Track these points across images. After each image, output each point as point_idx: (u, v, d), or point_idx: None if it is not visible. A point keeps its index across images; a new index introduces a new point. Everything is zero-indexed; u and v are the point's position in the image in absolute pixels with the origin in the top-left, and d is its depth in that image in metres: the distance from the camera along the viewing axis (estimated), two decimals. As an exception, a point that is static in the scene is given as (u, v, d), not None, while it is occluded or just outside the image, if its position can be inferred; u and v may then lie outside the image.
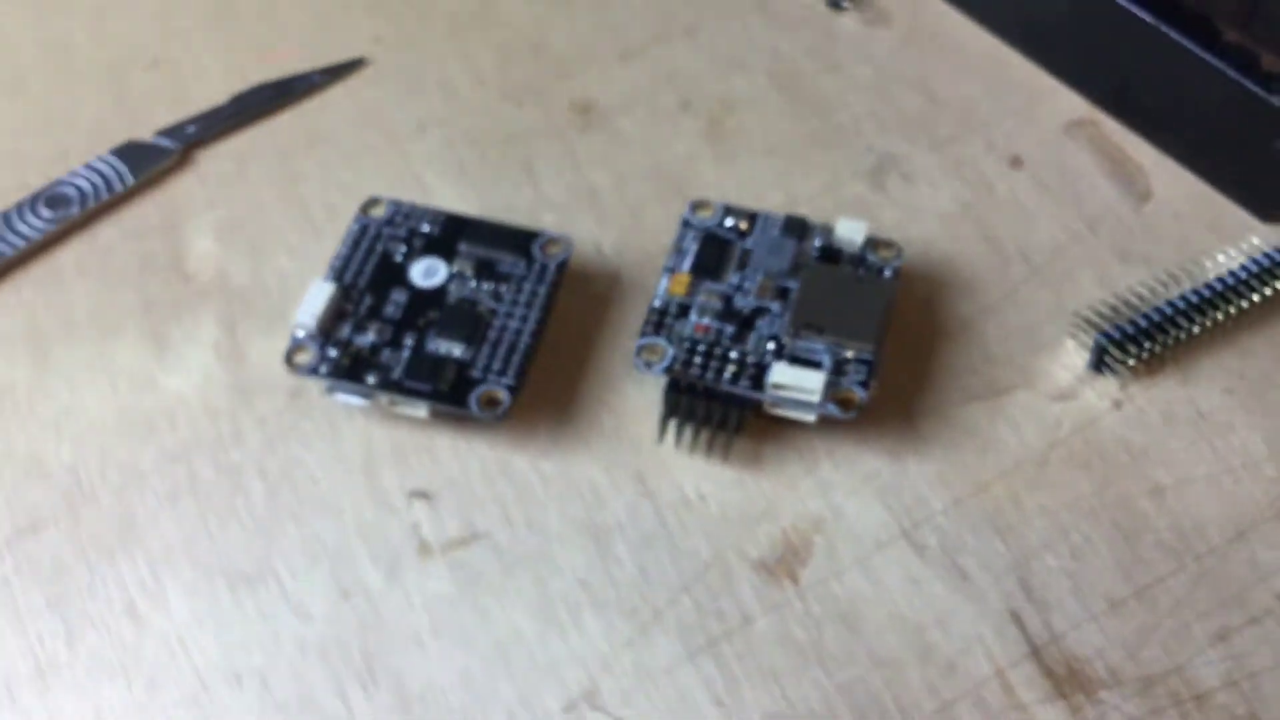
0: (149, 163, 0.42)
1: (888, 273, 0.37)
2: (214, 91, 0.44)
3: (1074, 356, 0.38)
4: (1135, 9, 0.41)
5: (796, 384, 0.34)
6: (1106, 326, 0.37)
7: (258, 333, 0.38)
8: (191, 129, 0.43)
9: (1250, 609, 0.33)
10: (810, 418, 0.35)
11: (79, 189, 0.42)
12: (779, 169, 0.43)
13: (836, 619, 0.33)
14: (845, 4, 0.48)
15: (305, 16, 0.47)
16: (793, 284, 0.37)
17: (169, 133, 0.43)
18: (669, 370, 0.35)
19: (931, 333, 0.38)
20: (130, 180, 0.42)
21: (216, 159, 0.43)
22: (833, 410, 0.34)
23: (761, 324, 0.36)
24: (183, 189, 0.42)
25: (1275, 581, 0.33)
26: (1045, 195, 0.42)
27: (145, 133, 0.43)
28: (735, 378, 0.35)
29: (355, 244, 0.38)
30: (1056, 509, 0.35)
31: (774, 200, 0.41)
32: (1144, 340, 0.37)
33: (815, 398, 0.34)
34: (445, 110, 0.44)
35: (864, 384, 0.35)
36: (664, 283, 0.37)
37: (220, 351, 0.38)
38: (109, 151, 0.43)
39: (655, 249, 0.40)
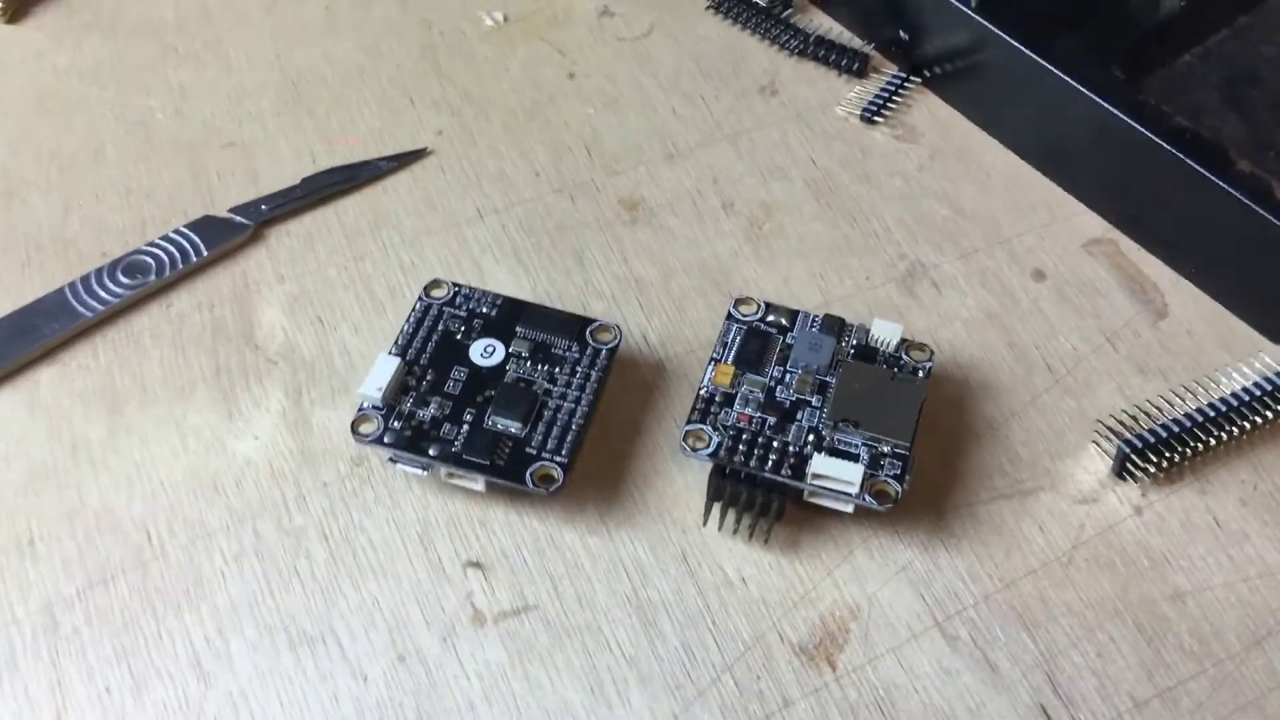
0: (223, 237, 0.43)
1: (921, 373, 0.38)
2: (285, 173, 0.45)
3: (1097, 462, 0.38)
4: (1153, 137, 0.42)
5: (836, 475, 0.35)
6: (1129, 435, 0.38)
7: (322, 402, 0.39)
8: (264, 207, 0.44)
9: (1268, 714, 0.33)
10: (848, 508, 0.35)
11: (155, 258, 0.42)
12: (814, 270, 0.43)
13: (873, 706, 0.33)
14: (877, 119, 0.49)
15: (373, 108, 0.48)
16: (831, 379, 0.37)
17: (242, 209, 0.44)
18: (714, 456, 0.35)
19: (961, 433, 0.38)
20: (204, 252, 0.42)
21: (286, 236, 0.44)
22: (869, 502, 0.34)
23: (801, 416, 0.36)
24: (254, 263, 0.43)
25: (1289, 686, 0.33)
26: (1066, 307, 0.42)
27: (220, 209, 0.44)
28: (777, 466, 0.35)
29: (418, 322, 0.39)
30: (1081, 609, 0.35)
31: (809, 299, 0.42)
32: (1165, 449, 0.37)
33: (854, 489, 0.34)
34: (502, 200, 0.45)
35: (899, 477, 0.35)
36: (709, 372, 0.37)
37: (286, 419, 0.38)
38: (185, 225, 0.43)
39: (697, 341, 0.41)
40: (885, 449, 0.35)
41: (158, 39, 0.50)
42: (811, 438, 0.36)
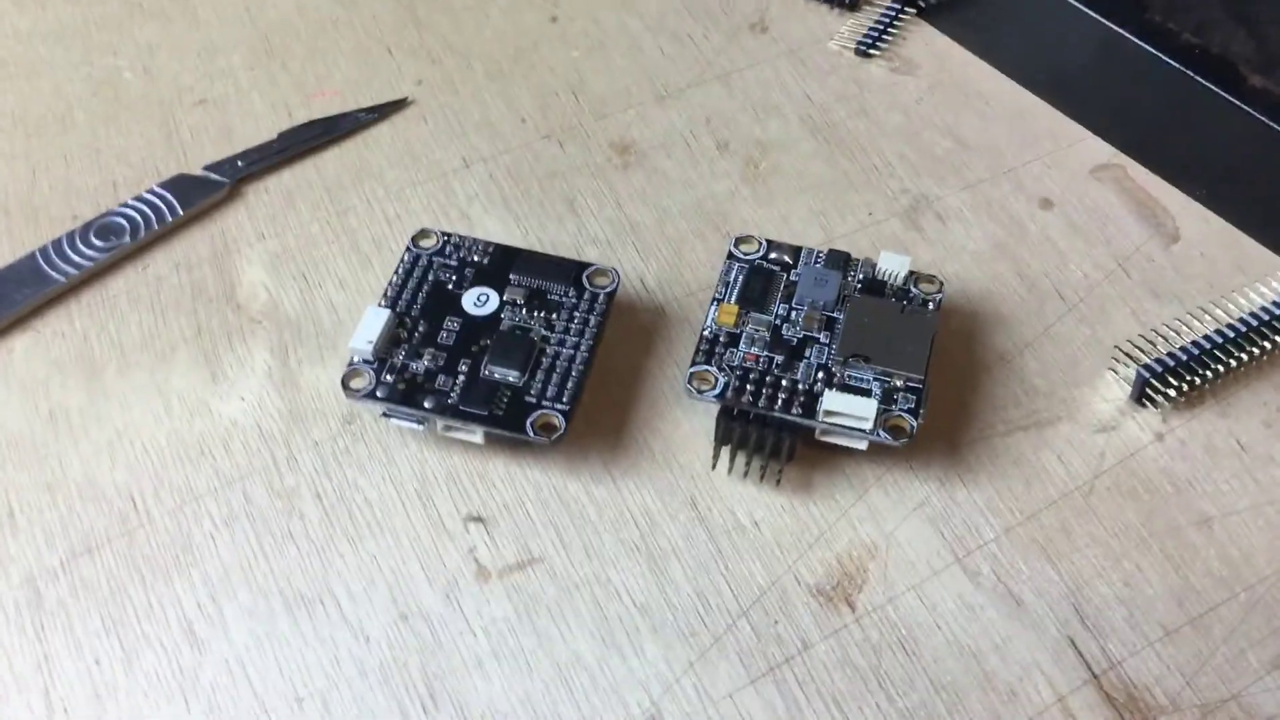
0: (198, 195, 0.41)
1: (931, 305, 0.37)
2: (261, 129, 0.44)
3: (1114, 389, 0.37)
4: (1160, 55, 0.41)
5: (850, 411, 0.33)
6: (1147, 360, 0.36)
7: (310, 360, 0.37)
8: (240, 164, 0.42)
9: (1305, 635, 0.32)
10: (862, 445, 0.34)
11: (129, 220, 0.41)
12: (815, 208, 0.42)
13: (895, 645, 0.32)
14: (872, 52, 0.47)
15: (350, 59, 0.46)
16: (838, 315, 0.36)
17: (217, 167, 0.42)
18: (721, 397, 0.34)
19: (972, 366, 0.37)
20: (180, 212, 0.41)
21: (265, 193, 0.42)
22: (884, 437, 0.33)
23: (810, 354, 0.35)
24: (232, 221, 0.41)
25: (1325, 609, 0.32)
26: (1076, 235, 0.41)
27: (194, 168, 0.42)
28: (787, 405, 0.34)
29: (407, 273, 0.37)
30: (1106, 538, 0.34)
31: (812, 238, 0.41)
32: (1184, 374, 0.36)
33: (868, 425, 0.33)
34: (488, 148, 0.44)
35: (914, 411, 0.34)
36: (712, 313, 0.36)
37: (273, 378, 0.37)
38: (158, 184, 0.42)
39: (697, 283, 0.39)
40: (898, 383, 0.34)
41: (123, -3, 0.49)
42: (821, 375, 0.35)
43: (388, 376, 0.34)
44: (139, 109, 0.44)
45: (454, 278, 0.37)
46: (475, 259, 0.38)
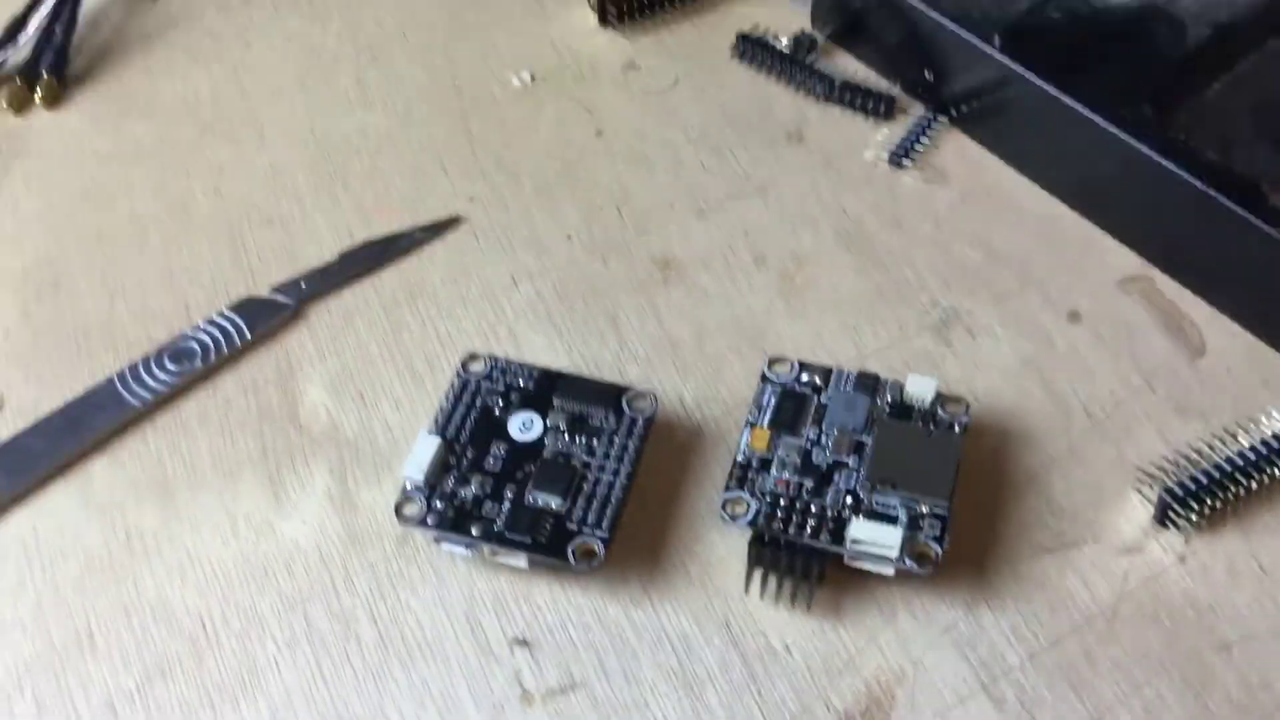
0: (265, 317, 0.43)
1: (957, 428, 0.38)
2: (323, 249, 0.46)
3: (1139, 511, 0.38)
4: (1184, 174, 0.42)
5: (875, 540, 0.35)
6: (1169, 481, 0.37)
7: (366, 481, 0.39)
8: (303, 285, 0.44)
9: (1321, 768, 0.32)
10: (889, 571, 0.35)
11: (201, 344, 0.43)
12: (848, 322, 0.43)
13: (920, 772, 0.33)
14: (905, 162, 0.49)
15: (406, 179, 0.49)
16: (867, 439, 0.37)
17: (283, 289, 0.44)
18: (753, 524, 0.36)
19: (999, 485, 0.38)
20: (248, 335, 0.43)
21: (327, 313, 0.44)
22: (910, 565, 0.34)
23: (839, 478, 0.37)
24: (296, 342, 0.43)
25: (1344, 739, 0.33)
26: (1103, 349, 0.42)
27: (260, 288, 0.44)
28: (816, 532, 0.35)
29: (456, 398, 0.39)
30: (1128, 664, 0.35)
31: (844, 352, 0.42)
32: (1206, 496, 0.37)
33: (893, 553, 0.34)
34: (535, 265, 0.45)
35: (939, 539, 0.35)
36: (745, 437, 0.38)
37: (332, 499, 0.39)
38: (228, 307, 0.44)
39: (734, 400, 0.41)
40: (924, 509, 0.35)
41: (194, 118, 0.51)
42: (850, 500, 0.36)
43: (438, 503, 0.36)
44: (210, 229, 0.47)
45: (500, 402, 0.39)
46: (520, 384, 0.39)
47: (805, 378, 0.39)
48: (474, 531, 0.35)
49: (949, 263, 0.45)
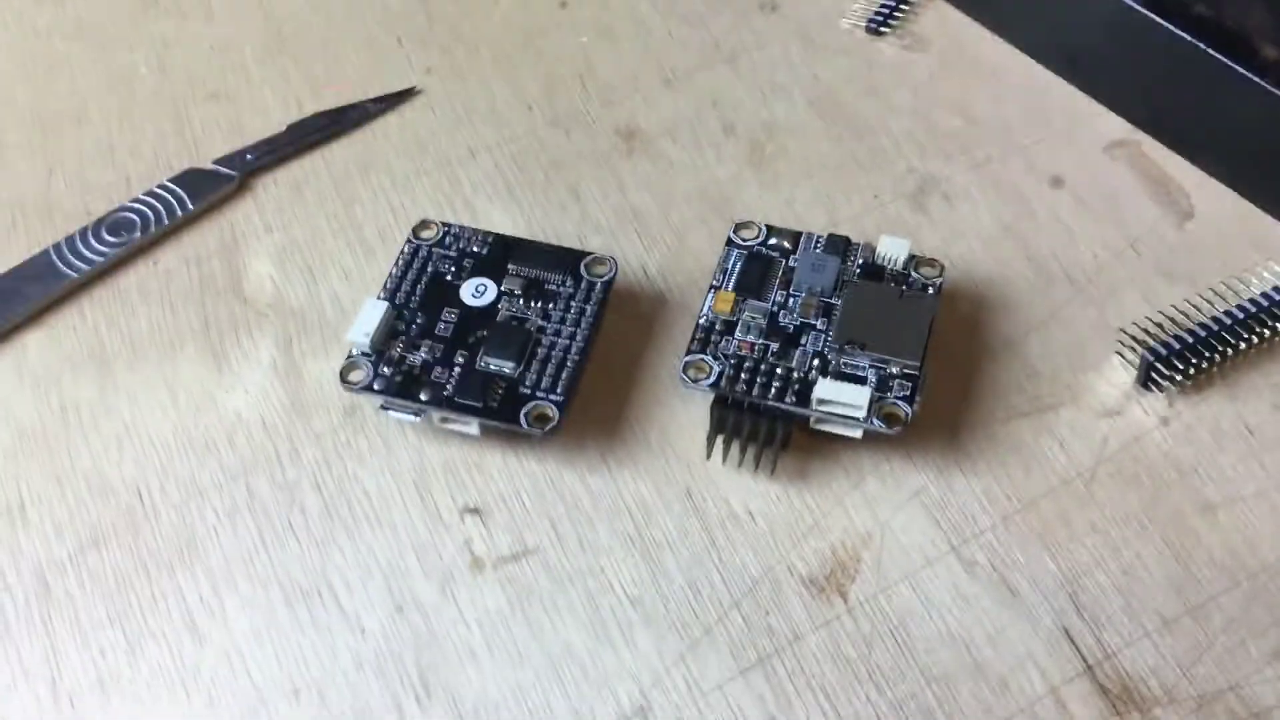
0: (208, 190, 0.42)
1: (931, 290, 0.36)
2: (270, 122, 0.44)
3: (1121, 374, 0.36)
4: (1173, 29, 0.40)
5: (842, 399, 0.33)
6: (1153, 343, 0.36)
7: (313, 352, 0.38)
8: (249, 157, 0.43)
9: (1306, 625, 0.31)
10: (856, 434, 0.34)
11: (140, 215, 0.41)
12: (821, 191, 0.42)
13: (887, 635, 0.32)
14: (884, 29, 0.46)
15: (359, 50, 0.47)
16: (836, 301, 0.36)
17: (227, 161, 0.42)
18: (715, 386, 0.34)
19: (975, 351, 0.37)
20: (190, 207, 0.41)
21: (273, 186, 0.42)
22: (879, 426, 0.33)
23: (806, 341, 0.35)
24: (241, 215, 0.42)
25: (1330, 598, 0.32)
26: (1087, 215, 0.40)
27: (204, 161, 0.42)
28: (781, 393, 0.34)
29: (407, 265, 0.37)
30: (1106, 526, 0.33)
31: (817, 222, 0.41)
32: (1191, 356, 0.35)
33: (861, 413, 0.33)
34: (494, 137, 0.44)
35: (909, 399, 0.34)
36: (709, 300, 0.36)
37: (277, 370, 0.37)
38: (169, 179, 0.42)
39: (699, 271, 0.39)
40: (894, 370, 0.34)
41: (139, -8, 0.49)
42: (816, 362, 0.34)
43: (385, 369, 0.35)
44: (152, 104, 0.45)
45: (453, 269, 0.37)
46: (474, 249, 0.38)
47: (773, 241, 0.38)
48: (423, 397, 0.34)
49: (927, 130, 0.43)
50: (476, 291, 0.37)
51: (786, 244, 0.38)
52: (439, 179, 0.42)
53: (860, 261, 0.37)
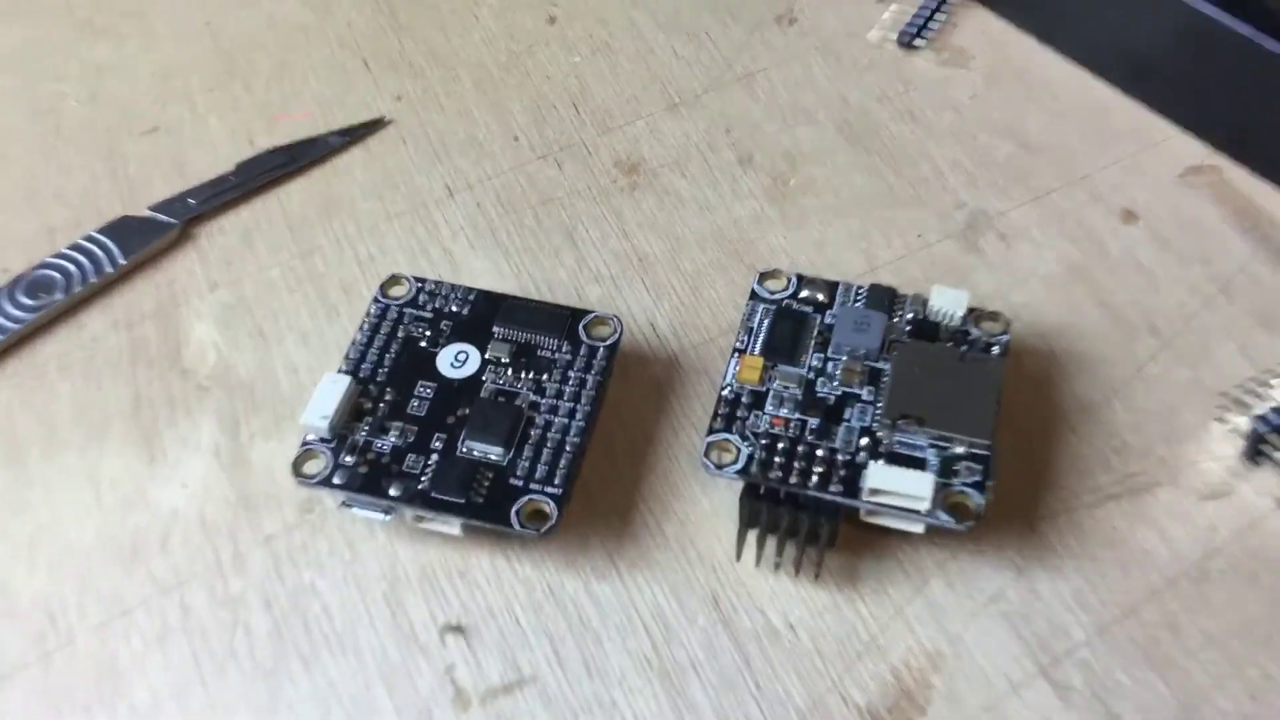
0: (143, 240, 0.37)
1: (996, 349, 0.31)
2: (218, 160, 0.39)
3: (1223, 445, 0.31)
4: (1258, 38, 0.35)
5: (900, 489, 0.28)
6: (1260, 409, 0.31)
7: (265, 434, 0.33)
8: (192, 201, 0.38)
9: None
10: (917, 528, 0.29)
11: (64, 272, 0.36)
12: (855, 231, 0.37)
13: (968, 784, 0.26)
14: (918, 42, 0.41)
15: (320, 77, 0.42)
16: (884, 366, 0.31)
17: (166, 206, 0.38)
18: (745, 473, 0.29)
19: (1049, 420, 0.32)
20: (121, 261, 0.36)
21: (220, 235, 0.38)
22: (945, 520, 0.28)
23: (850, 415, 0.30)
24: (182, 269, 0.37)
25: None
26: (1166, 254, 0.35)
27: (140, 207, 0.38)
28: (824, 481, 0.29)
29: (374, 329, 0.33)
30: (1224, 637, 0.28)
31: (853, 267, 0.36)
32: (1311, 425, 0.30)
33: (924, 505, 0.28)
34: (475, 173, 0.39)
35: (979, 485, 0.28)
36: (732, 367, 0.31)
37: (220, 458, 0.32)
38: (98, 229, 0.37)
39: (718, 327, 0.35)
40: (959, 450, 0.29)
41: (70, 14, 0.44)
42: (865, 441, 0.29)
43: (347, 458, 0.30)
44: (82, 141, 0.40)
45: (428, 333, 0.32)
46: (453, 309, 0.33)
47: (805, 294, 0.33)
48: (393, 492, 0.29)
49: (975, 157, 0.38)
50: (456, 360, 0.32)
51: (821, 296, 0.33)
52: (412, 223, 0.38)
53: (909, 317, 0.32)
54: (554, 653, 0.29)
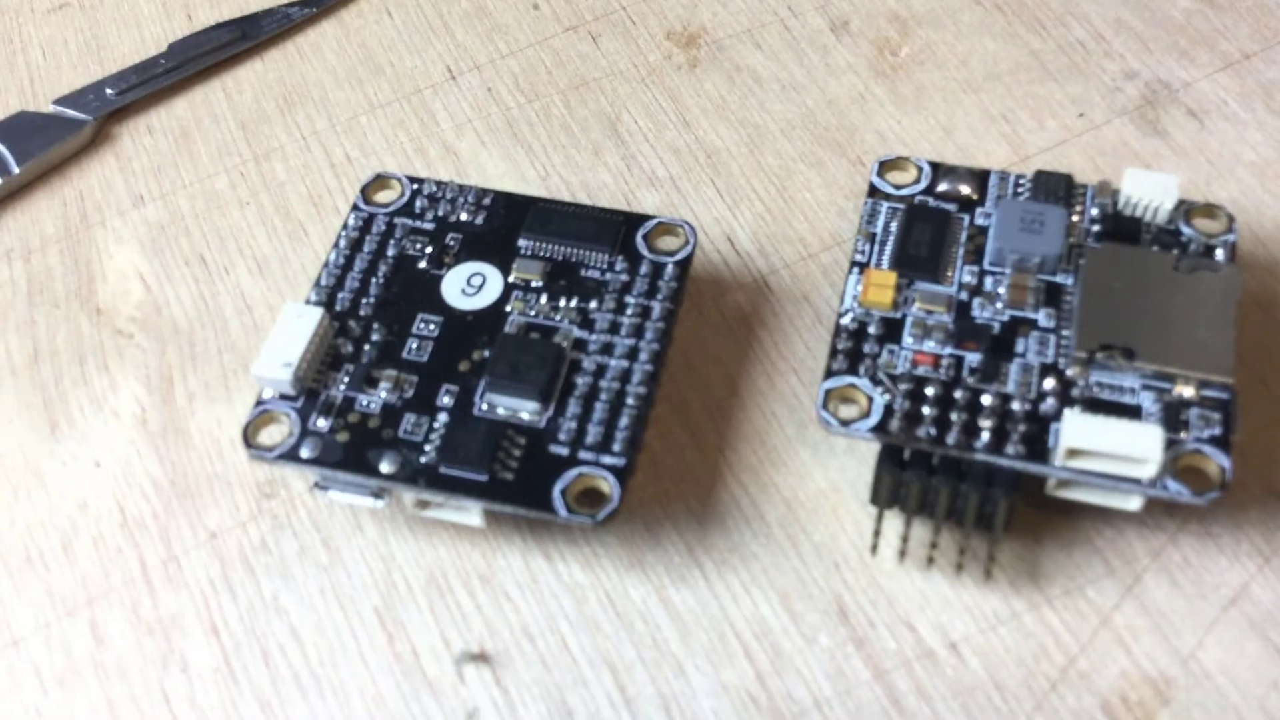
0: (45, 141, 0.34)
1: (1219, 254, 0.26)
2: (144, 40, 0.36)
3: None
4: None
5: (1113, 449, 0.23)
6: None
7: (207, 396, 0.29)
8: (110, 92, 0.35)
9: None
10: (1131, 505, 0.24)
11: (-58, 185, 0.32)
12: (993, 111, 0.33)
13: None
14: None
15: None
16: (1068, 281, 0.26)
17: (77, 99, 0.35)
18: (881, 430, 0.24)
19: (1285, 352, 0.27)
20: (15, 169, 0.33)
21: (148, 134, 0.34)
22: (1176, 490, 0.23)
23: (1026, 347, 0.25)
24: (96, 179, 0.33)
25: None
26: None
27: (43, 102, 0.35)
28: (998, 441, 0.24)
29: (354, 246, 0.28)
30: None
31: (995, 156, 0.32)
32: None
33: (1150, 470, 0.23)
34: (484, 50, 0.35)
35: (1223, 442, 0.23)
36: (852, 287, 0.27)
37: (148, 427, 0.28)
38: (-11, 129, 0.33)
39: (816, 239, 0.31)
40: (1187, 393, 0.24)
41: None
42: (1050, 384, 0.24)
43: (320, 422, 0.25)
44: (-30, 21, 0.36)
45: (429, 250, 0.28)
46: (463, 217, 0.29)
47: (944, 187, 0.28)
48: (385, 468, 0.24)
49: (1144, 14, 0.34)
50: (469, 285, 0.27)
51: (966, 189, 0.28)
52: (402, 115, 0.34)
53: (1095, 213, 0.27)
54: (618, 689, 0.24)
